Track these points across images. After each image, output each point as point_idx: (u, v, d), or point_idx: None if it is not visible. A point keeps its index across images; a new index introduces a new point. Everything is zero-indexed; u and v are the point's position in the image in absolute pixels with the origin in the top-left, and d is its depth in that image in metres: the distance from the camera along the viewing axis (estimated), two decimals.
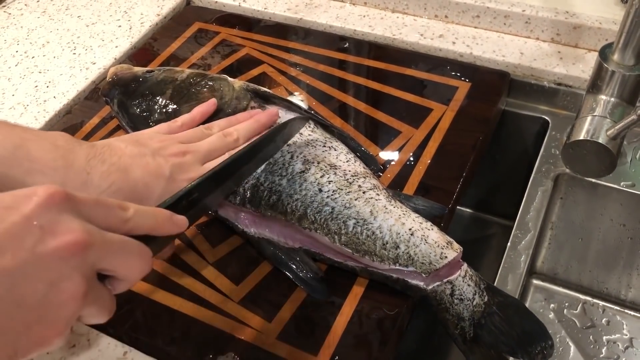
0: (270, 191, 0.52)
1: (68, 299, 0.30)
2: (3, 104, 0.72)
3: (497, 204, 0.85)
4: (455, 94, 0.68)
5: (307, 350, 0.47)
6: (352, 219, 0.50)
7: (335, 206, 0.50)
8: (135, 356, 0.49)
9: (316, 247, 0.52)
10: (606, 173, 0.58)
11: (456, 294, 0.48)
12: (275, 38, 0.78)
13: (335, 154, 0.55)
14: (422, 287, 0.49)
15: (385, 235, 0.49)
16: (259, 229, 0.53)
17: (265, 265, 0.53)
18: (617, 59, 0.56)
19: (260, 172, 0.53)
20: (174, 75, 0.64)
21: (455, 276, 0.48)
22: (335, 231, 0.50)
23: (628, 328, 0.72)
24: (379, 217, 0.50)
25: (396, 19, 0.78)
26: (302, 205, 0.51)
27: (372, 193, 0.52)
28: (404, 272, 0.49)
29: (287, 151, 0.55)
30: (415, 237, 0.49)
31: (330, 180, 0.52)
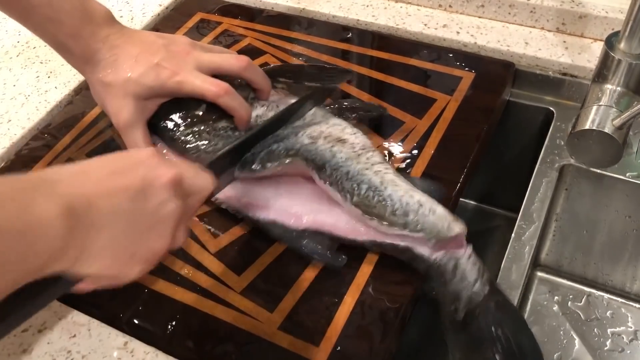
0: (286, 149, 0.53)
1: (172, 214, 0.39)
2: (4, 94, 0.71)
3: (501, 196, 0.84)
4: (459, 84, 0.67)
5: (309, 340, 0.47)
6: (365, 184, 0.51)
7: (349, 170, 0.51)
8: (135, 346, 0.48)
9: (325, 226, 0.52)
10: (612, 163, 0.57)
11: (459, 271, 0.48)
12: (278, 28, 0.78)
13: (340, 128, 0.56)
14: (426, 257, 0.49)
15: (395, 203, 0.49)
16: (263, 212, 0.53)
17: (266, 256, 0.53)
18: (623, 48, 0.56)
19: (271, 143, 0.54)
20: None
21: (461, 253, 0.49)
22: (349, 190, 0.50)
23: (633, 320, 0.72)
24: (389, 188, 0.50)
25: (400, 9, 0.78)
26: (319, 159, 0.52)
27: (381, 167, 0.52)
28: (412, 240, 0.49)
29: (290, 131, 0.55)
30: (424, 208, 0.49)
31: (341, 150, 0.53)
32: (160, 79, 0.54)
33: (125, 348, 0.48)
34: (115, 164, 0.38)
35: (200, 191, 0.42)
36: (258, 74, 0.58)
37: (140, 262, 0.38)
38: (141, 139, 0.56)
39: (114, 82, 0.54)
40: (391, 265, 0.51)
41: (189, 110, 0.57)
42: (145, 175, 0.38)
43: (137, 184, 0.37)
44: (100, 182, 0.36)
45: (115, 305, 0.51)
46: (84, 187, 0.35)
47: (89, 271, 0.36)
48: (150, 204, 0.37)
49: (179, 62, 0.55)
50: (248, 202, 0.54)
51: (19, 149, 0.65)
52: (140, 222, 0.37)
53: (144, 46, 0.55)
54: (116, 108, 0.55)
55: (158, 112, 0.58)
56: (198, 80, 0.54)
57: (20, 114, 0.69)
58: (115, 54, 0.55)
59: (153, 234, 0.38)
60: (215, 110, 0.56)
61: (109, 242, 0.35)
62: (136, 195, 0.37)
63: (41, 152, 0.64)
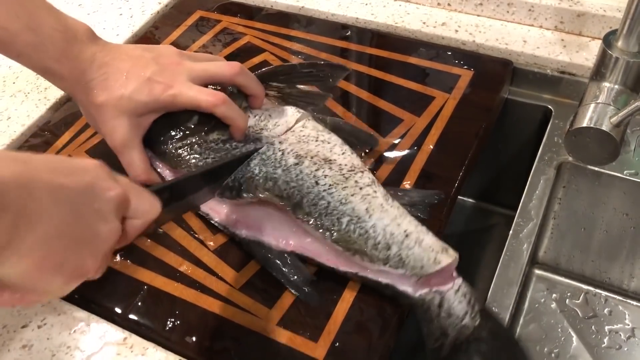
0: (265, 179, 0.51)
1: (111, 235, 0.36)
2: (4, 91, 0.72)
3: (500, 194, 0.85)
4: (457, 82, 0.67)
5: (308, 336, 0.47)
6: (346, 215, 0.48)
7: (331, 201, 0.49)
8: (135, 342, 0.49)
9: (308, 251, 0.50)
10: (609, 161, 0.58)
11: (444, 307, 0.46)
12: (277, 26, 0.78)
13: (329, 147, 0.54)
14: (410, 294, 0.47)
15: (378, 235, 0.47)
16: (250, 231, 0.52)
17: None
18: (621, 46, 0.56)
19: (254, 166, 0.52)
20: None
21: (447, 288, 0.46)
22: (328, 227, 0.48)
23: (630, 318, 0.72)
24: (375, 216, 0.48)
25: (398, 7, 0.78)
26: (298, 194, 0.50)
27: (369, 190, 0.50)
28: (394, 276, 0.47)
29: (278, 148, 0.53)
30: (409, 240, 0.47)
31: (326, 175, 0.51)
32: (153, 94, 0.52)
33: (124, 344, 0.49)
34: (60, 164, 0.35)
35: (144, 216, 0.39)
36: (251, 79, 0.56)
37: (64, 277, 0.34)
38: (138, 158, 0.54)
39: (107, 102, 0.52)
40: None
41: (180, 123, 0.55)
42: (91, 182, 0.35)
43: (82, 188, 0.34)
44: (41, 173, 0.32)
45: (114, 301, 0.51)
46: (21, 173, 0.31)
47: (6, 273, 0.31)
48: (92, 212, 0.34)
49: (170, 75, 0.53)
50: (236, 220, 0.53)
51: (19, 146, 0.65)
52: (78, 228, 0.34)
53: (133, 61, 0.53)
54: (110, 128, 0.53)
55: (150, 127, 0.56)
56: (192, 92, 0.53)
57: (19, 111, 0.69)
58: (105, 72, 0.52)
59: (87, 248, 0.34)
60: (206, 122, 0.55)
61: (40, 241, 0.31)
62: (79, 198, 0.34)
63: (41, 149, 0.64)
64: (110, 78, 0.52)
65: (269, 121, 0.56)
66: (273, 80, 0.60)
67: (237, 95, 0.57)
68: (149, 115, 0.54)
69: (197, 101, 0.53)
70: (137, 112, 0.53)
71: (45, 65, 0.51)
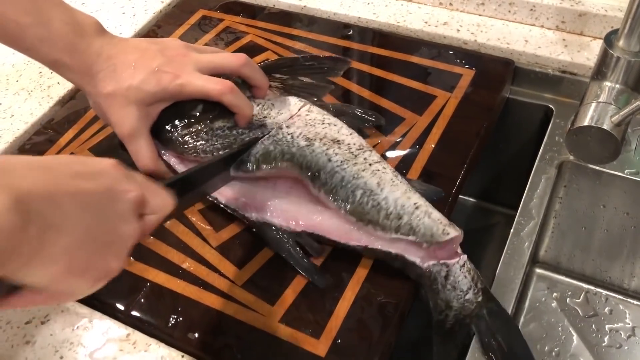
0: (282, 153, 0.53)
1: (132, 235, 0.36)
2: (7, 89, 0.72)
3: (501, 193, 0.85)
4: (459, 82, 0.67)
5: (310, 333, 0.47)
6: (360, 189, 0.50)
7: (345, 175, 0.51)
8: (137, 338, 0.49)
9: (318, 230, 0.52)
10: (610, 160, 0.58)
11: (450, 280, 0.48)
12: (279, 25, 0.78)
13: (336, 128, 0.55)
14: (418, 265, 0.48)
15: (390, 206, 0.49)
16: (260, 213, 0.53)
17: (268, 250, 0.53)
18: (622, 45, 0.56)
19: (268, 144, 0.54)
20: None
21: (454, 262, 0.48)
22: (343, 199, 0.50)
23: (631, 317, 0.72)
24: (386, 189, 0.50)
25: (400, 7, 0.78)
26: (315, 166, 0.51)
27: (379, 166, 0.52)
28: (404, 246, 0.49)
29: (287, 132, 0.55)
30: (419, 211, 0.49)
31: (337, 153, 0.52)
32: (162, 84, 0.53)
33: (127, 340, 0.49)
34: (79, 167, 0.35)
35: (160, 211, 0.40)
36: (256, 70, 0.57)
37: (91, 280, 0.35)
38: (146, 147, 0.55)
39: (115, 92, 0.53)
40: None
41: (185, 112, 0.56)
42: (111, 186, 0.35)
43: (102, 191, 0.35)
44: (63, 180, 0.33)
45: (117, 297, 0.51)
46: (43, 182, 0.31)
47: (36, 280, 0.31)
48: (113, 215, 0.35)
49: (178, 65, 0.54)
50: (245, 202, 0.54)
51: (22, 143, 0.66)
52: (102, 232, 0.34)
53: (140, 53, 0.54)
54: (119, 117, 0.54)
55: None
56: (200, 81, 0.54)
57: (23, 109, 0.69)
58: (113, 63, 0.53)
59: (111, 250, 0.35)
60: (211, 110, 0.56)
61: (67, 248, 0.32)
62: (101, 202, 0.34)
63: (44, 147, 0.64)
64: (118, 69, 0.53)
65: (272, 109, 0.58)
66: (276, 72, 0.62)
67: (242, 86, 0.58)
68: (157, 104, 0.54)
69: (205, 89, 0.54)
70: (146, 102, 0.53)
71: (55, 57, 0.53)
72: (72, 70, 0.53)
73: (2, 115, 0.69)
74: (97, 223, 0.34)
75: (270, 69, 0.61)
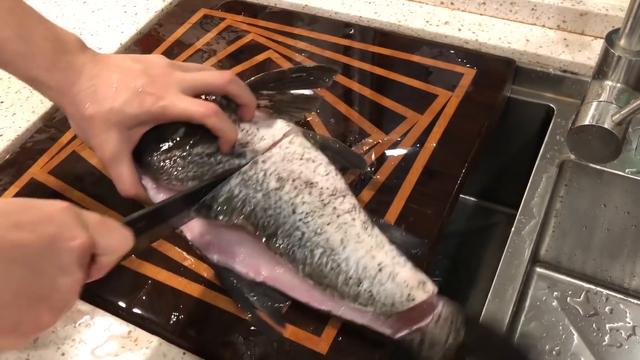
0: (244, 202, 0.50)
1: (72, 287, 0.35)
2: (9, 87, 0.72)
3: (502, 193, 0.85)
4: (460, 81, 0.67)
5: (311, 331, 0.48)
6: (320, 247, 0.47)
7: (305, 231, 0.48)
8: (139, 335, 0.49)
9: (280, 284, 0.49)
10: (611, 159, 0.58)
11: (427, 341, 0.44)
12: (281, 24, 0.78)
13: (313, 166, 0.52)
14: (389, 336, 0.45)
15: (350, 269, 0.45)
16: (222, 256, 0.51)
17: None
18: (623, 45, 0.56)
19: (234, 185, 0.51)
20: None
21: (426, 323, 0.44)
22: (301, 260, 0.47)
23: (631, 316, 0.72)
24: (349, 247, 0.46)
25: (402, 6, 0.78)
26: (274, 223, 0.48)
27: (348, 217, 0.48)
28: (369, 316, 0.45)
29: (260, 168, 0.51)
30: (382, 274, 0.45)
31: (305, 201, 0.49)
32: (144, 106, 0.50)
33: (129, 337, 0.49)
34: (23, 215, 0.33)
35: (114, 252, 0.38)
36: (243, 88, 0.54)
37: (20, 335, 0.33)
38: (127, 172, 0.52)
39: (96, 114, 0.50)
40: None
41: (166, 135, 0.54)
42: (53, 235, 0.34)
43: (42, 243, 0.33)
44: (2, 232, 0.32)
45: (119, 295, 0.51)
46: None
47: None
48: (52, 268, 0.33)
49: (161, 86, 0.51)
50: (209, 242, 0.52)
51: (24, 141, 0.66)
52: (37, 287, 0.33)
53: (122, 72, 0.52)
54: (100, 141, 0.51)
55: None
56: (184, 103, 0.51)
57: (25, 107, 0.69)
58: (94, 84, 0.51)
59: (45, 304, 0.33)
60: (193, 134, 0.53)
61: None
62: (38, 255, 0.33)
63: (46, 145, 0.65)
64: (99, 90, 0.51)
65: (256, 135, 0.54)
66: (263, 88, 0.59)
67: (227, 108, 0.55)
68: (140, 127, 0.52)
69: (189, 112, 0.51)
70: (128, 125, 0.51)
71: (33, 74, 0.50)
72: (51, 88, 0.51)
73: (4, 113, 0.69)
74: (32, 278, 0.32)
75: (257, 85, 0.58)
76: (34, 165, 0.62)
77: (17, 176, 0.61)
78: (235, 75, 0.54)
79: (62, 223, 0.35)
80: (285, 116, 0.57)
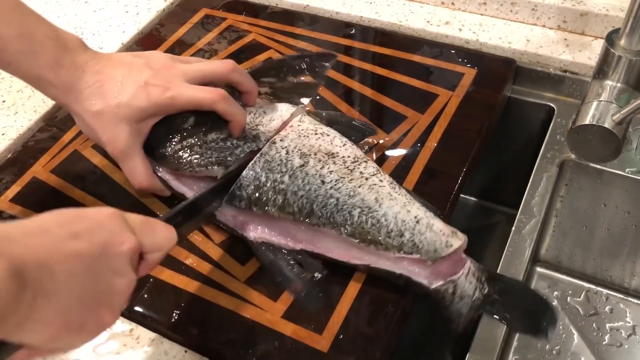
0: (274, 191, 0.51)
1: (127, 287, 0.37)
2: (11, 86, 0.72)
3: (502, 193, 0.85)
4: (461, 80, 0.68)
5: (312, 329, 0.48)
6: (357, 207, 0.49)
7: (339, 197, 0.50)
8: (141, 333, 0.49)
9: (318, 248, 0.51)
10: (611, 158, 0.58)
11: (458, 293, 0.48)
12: (282, 24, 0.78)
13: (329, 139, 0.54)
14: (425, 286, 0.48)
15: (390, 223, 0.48)
16: (259, 232, 0.52)
17: None
18: (623, 44, 0.56)
19: (260, 171, 0.52)
20: None
21: (459, 275, 0.48)
22: (341, 223, 0.49)
23: (631, 316, 0.72)
24: (384, 205, 0.49)
25: (402, 6, 0.78)
26: (307, 201, 0.50)
27: (375, 179, 0.51)
28: (408, 265, 0.48)
29: (280, 147, 0.53)
30: (420, 225, 0.48)
31: (331, 170, 0.51)
32: (152, 98, 0.51)
33: (130, 335, 0.49)
34: (76, 226, 0.35)
35: (161, 249, 0.41)
36: (245, 75, 0.56)
37: (85, 335, 0.36)
38: (140, 165, 0.53)
39: (104, 109, 0.51)
40: None
41: (176, 126, 0.55)
42: (106, 241, 0.36)
43: (97, 250, 0.35)
44: (57, 244, 0.34)
45: None
46: (39, 249, 0.33)
47: (31, 341, 0.33)
48: (108, 272, 0.36)
49: (166, 77, 0.52)
50: (244, 222, 0.53)
51: (26, 140, 0.66)
52: (96, 290, 0.35)
53: (126, 67, 0.52)
54: (110, 136, 0.52)
55: None
56: (191, 91, 0.52)
57: (27, 106, 0.69)
58: (99, 80, 0.51)
59: (105, 305, 0.36)
60: (203, 123, 0.54)
61: (60, 310, 0.33)
62: (94, 262, 0.35)
63: (47, 144, 0.65)
64: (105, 85, 0.51)
65: (264, 117, 0.56)
66: (264, 76, 0.60)
67: (231, 94, 0.56)
68: (149, 120, 0.53)
69: (198, 99, 0.52)
70: (137, 118, 0.52)
71: (37, 73, 0.50)
72: (55, 86, 0.51)
73: (6, 112, 0.69)
74: (91, 283, 0.35)
75: (258, 73, 0.60)
76: (35, 164, 0.63)
77: (19, 175, 0.61)
78: (237, 64, 0.55)
79: (112, 229, 0.37)
80: (286, 102, 0.59)
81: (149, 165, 0.54)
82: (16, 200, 0.59)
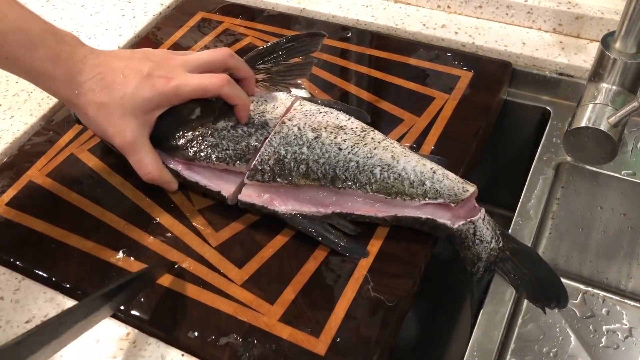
0: (296, 161, 0.54)
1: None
2: (7, 90, 0.72)
3: (498, 195, 0.85)
4: (457, 83, 0.68)
5: (309, 332, 0.48)
6: (377, 166, 0.53)
7: (358, 159, 0.53)
8: (137, 337, 0.49)
9: (347, 207, 0.54)
10: (607, 160, 0.58)
11: (477, 235, 0.52)
12: (278, 28, 0.78)
13: (334, 115, 0.58)
14: (449, 226, 0.52)
15: (410, 175, 0.52)
16: (287, 205, 0.54)
17: (267, 249, 0.54)
18: (619, 47, 0.57)
19: (278, 146, 0.54)
20: None
21: (477, 217, 0.52)
22: (366, 182, 0.52)
23: (628, 318, 0.73)
24: (402, 161, 0.53)
25: (399, 9, 0.79)
26: (330, 167, 0.53)
27: (387, 142, 0.55)
28: (432, 209, 0.52)
29: (291, 125, 0.56)
30: (437, 174, 0.53)
31: (345, 139, 0.55)
32: (156, 89, 0.52)
33: (127, 338, 0.49)
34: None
35: None
36: (241, 61, 0.58)
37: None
38: (149, 156, 0.54)
39: (110, 102, 0.51)
40: (390, 259, 0.52)
41: (184, 117, 0.55)
42: None
43: None
44: None
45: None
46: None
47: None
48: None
49: (168, 68, 0.53)
50: (270, 198, 0.54)
51: (22, 144, 0.66)
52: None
53: (126, 60, 0.53)
54: (117, 129, 0.52)
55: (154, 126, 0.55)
56: (195, 79, 0.53)
57: (23, 110, 0.69)
58: (100, 72, 0.51)
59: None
60: (210, 112, 0.56)
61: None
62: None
63: (44, 148, 0.65)
64: (107, 77, 0.51)
65: (267, 105, 0.59)
66: (259, 63, 0.62)
67: None
68: (154, 111, 0.53)
69: (203, 86, 0.53)
70: (143, 110, 0.52)
71: (37, 65, 0.50)
72: (55, 79, 0.51)
73: (2, 116, 0.69)
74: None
75: (253, 60, 0.61)
76: (31, 167, 0.62)
77: (15, 179, 0.61)
78: (232, 51, 0.57)
79: None
80: (282, 87, 0.62)
81: (157, 156, 0.55)
82: (12, 204, 0.59)
